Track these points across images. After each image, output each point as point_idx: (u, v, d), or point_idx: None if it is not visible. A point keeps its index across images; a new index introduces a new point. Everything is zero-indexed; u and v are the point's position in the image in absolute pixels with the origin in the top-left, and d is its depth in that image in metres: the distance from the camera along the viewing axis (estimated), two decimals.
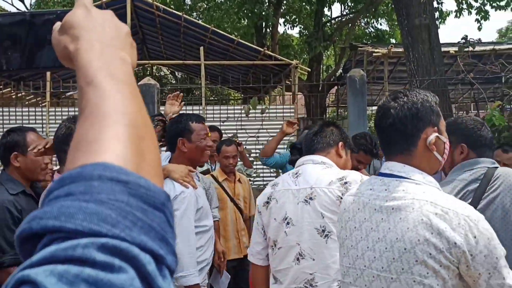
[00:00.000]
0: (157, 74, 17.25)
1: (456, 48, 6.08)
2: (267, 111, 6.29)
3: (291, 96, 9.02)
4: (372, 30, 14.56)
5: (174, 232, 0.45)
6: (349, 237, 1.54)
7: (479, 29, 11.67)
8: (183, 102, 3.36)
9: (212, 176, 4.07)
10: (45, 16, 0.75)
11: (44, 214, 0.40)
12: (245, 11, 12.52)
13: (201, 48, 8.48)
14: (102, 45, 0.57)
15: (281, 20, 14.94)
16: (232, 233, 4.06)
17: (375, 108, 13.37)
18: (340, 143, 2.28)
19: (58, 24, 0.63)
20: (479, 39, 5.61)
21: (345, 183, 2.11)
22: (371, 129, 8.10)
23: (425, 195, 1.39)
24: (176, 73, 17.92)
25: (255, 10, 11.52)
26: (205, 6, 15.49)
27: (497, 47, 6.60)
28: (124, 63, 0.57)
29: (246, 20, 13.52)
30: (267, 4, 12.75)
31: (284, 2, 14.58)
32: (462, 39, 5.58)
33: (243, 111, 6.17)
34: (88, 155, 0.46)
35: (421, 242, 1.34)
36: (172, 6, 12.43)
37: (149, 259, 0.39)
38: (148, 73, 14.54)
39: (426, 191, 1.42)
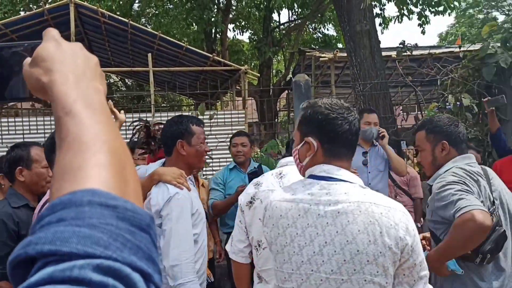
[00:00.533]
0: (106, 82, 16.90)
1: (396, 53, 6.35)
2: (215, 116, 6.34)
3: (242, 101, 9.11)
4: (320, 35, 14.91)
5: (158, 251, 0.49)
6: (290, 244, 1.53)
7: (423, 33, 12.19)
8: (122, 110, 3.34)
9: None
10: (12, 48, 0.77)
11: (39, 239, 0.42)
12: (194, 17, 12.53)
13: (149, 54, 8.42)
14: (75, 76, 0.60)
15: (231, 26, 15.06)
16: None
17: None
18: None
19: (28, 59, 0.65)
20: (416, 44, 5.90)
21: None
22: None
23: (366, 196, 1.46)
24: (126, 80, 17.64)
25: (204, 16, 11.55)
26: (153, 12, 15.36)
27: (433, 51, 6.94)
28: (98, 92, 0.61)
29: (195, 26, 13.53)
30: (215, 10, 12.80)
31: (234, 7, 14.70)
32: (400, 44, 5.85)
33: None
34: (76, 183, 0.48)
35: (372, 242, 1.39)
36: (118, 13, 12.22)
37: (139, 278, 0.42)
38: None
39: (365, 192, 1.48)
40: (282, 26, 14.60)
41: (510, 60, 4.83)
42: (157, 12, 14.97)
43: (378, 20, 12.63)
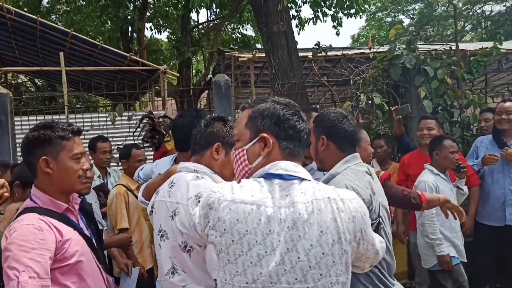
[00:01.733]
0: (13, 82, 15.82)
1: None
2: (134, 117, 6.18)
3: (161, 101, 8.96)
4: (239, 35, 15.04)
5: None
6: (248, 253, 1.36)
7: (337, 34, 12.71)
8: None
9: (124, 186, 3.91)
10: None
11: None
12: (109, 15, 12.09)
13: (61, 53, 8.02)
14: None
15: (149, 25, 14.73)
16: (146, 242, 3.98)
17: None
18: (216, 144, 2.04)
19: None
20: (330, 45, 6.15)
21: (199, 201, 2.09)
22: None
23: (321, 192, 1.40)
24: (36, 80, 16.63)
25: (119, 14, 11.18)
26: (65, 8, 14.62)
27: (346, 52, 7.29)
28: None
29: (111, 24, 13.06)
30: (131, 8, 12.45)
31: (151, 6, 14.38)
32: (315, 45, 6.08)
33: (109, 119, 5.98)
34: None
35: (336, 241, 1.35)
36: (26, 9, 11.50)
37: None
38: (2, 81, 13.27)
39: (319, 188, 1.42)
40: (201, 26, 14.53)
41: (414, 61, 5.20)
42: (68, 9, 14.27)
43: (294, 22, 13.01)
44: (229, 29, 15.51)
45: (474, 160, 4.43)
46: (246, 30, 14.59)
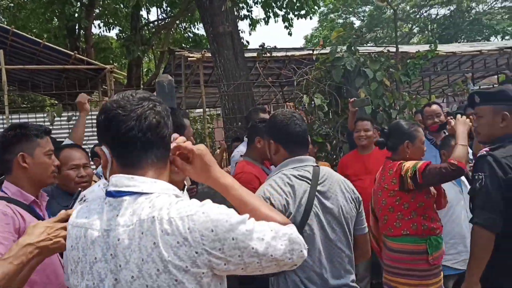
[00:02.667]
0: None
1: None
2: (73, 118, 6.01)
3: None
4: (191, 35, 14.91)
5: None
6: (81, 283, 1.23)
7: (290, 34, 12.83)
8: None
9: None
10: None
11: None
12: (55, 11, 11.70)
13: (1, 51, 7.69)
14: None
15: (98, 22, 14.35)
16: None
17: (199, 110, 13.78)
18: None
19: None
20: (275, 46, 6.22)
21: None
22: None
23: (148, 211, 1.17)
24: None
25: (65, 11, 10.84)
26: (8, 4, 14.02)
27: (294, 53, 7.37)
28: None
29: (57, 21, 12.65)
30: (78, 5, 12.10)
31: (100, 3, 14.02)
32: (259, 46, 6.12)
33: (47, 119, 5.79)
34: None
35: (162, 271, 1.13)
36: None
37: None
38: None
39: (155, 205, 1.18)
40: (151, 24, 14.30)
41: (355, 63, 5.33)
42: (12, 4, 13.69)
43: (246, 22, 13.05)
44: (181, 28, 15.35)
45: None
46: (198, 29, 14.51)
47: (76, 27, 12.74)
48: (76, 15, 12.25)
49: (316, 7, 12.54)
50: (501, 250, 2.35)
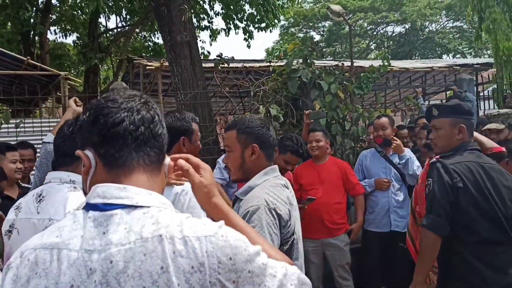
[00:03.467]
0: None
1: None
2: (22, 125, 5.80)
3: (62, 108, 8.52)
4: (151, 44, 14.77)
5: None
6: None
7: (248, 47, 12.93)
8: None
9: None
10: None
11: None
12: (9, 16, 11.31)
13: None
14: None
15: (54, 28, 13.97)
16: None
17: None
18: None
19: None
20: (232, 57, 6.22)
21: None
22: None
23: (153, 227, 0.97)
24: None
25: (19, 16, 10.50)
26: None
27: (247, 64, 7.43)
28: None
29: (11, 26, 12.23)
30: (33, 10, 11.76)
31: (57, 9, 13.69)
32: (217, 56, 6.13)
33: None
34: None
35: None
36: None
37: None
38: None
39: (159, 220, 0.99)
40: (110, 32, 14.08)
41: (310, 75, 5.42)
42: None
43: (207, 33, 13.07)
44: (141, 37, 15.19)
45: (360, 174, 4.70)
46: (157, 38, 14.37)
47: (31, 33, 12.37)
48: (32, 20, 11.89)
49: (276, 21, 12.72)
50: (454, 253, 2.48)
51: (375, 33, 29.26)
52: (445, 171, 2.48)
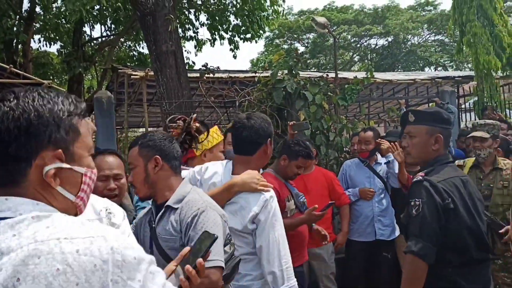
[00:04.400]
0: None
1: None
2: None
3: None
4: (135, 53, 14.72)
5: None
6: None
7: (234, 57, 12.94)
8: None
9: None
10: None
11: None
12: None
13: None
14: None
15: (38, 37, 13.84)
16: None
17: (142, 129, 13.52)
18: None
19: None
20: (218, 67, 6.24)
21: None
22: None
23: (55, 231, 0.89)
24: None
25: (2, 24, 10.39)
26: None
27: (233, 74, 7.44)
28: None
29: None
30: (18, 18, 11.65)
31: (41, 17, 13.58)
32: (202, 66, 6.14)
33: None
34: None
35: None
36: None
37: None
38: None
39: (57, 225, 0.91)
40: (95, 41, 14.00)
41: (295, 86, 5.45)
42: None
43: (192, 43, 13.07)
44: (126, 47, 15.12)
45: (344, 184, 4.73)
46: (142, 48, 14.33)
47: (14, 41, 12.23)
48: (15, 28, 11.78)
49: (261, 32, 12.78)
50: (440, 278, 2.25)
51: (358, 45, 29.63)
52: (435, 191, 2.22)
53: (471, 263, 2.28)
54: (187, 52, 13.46)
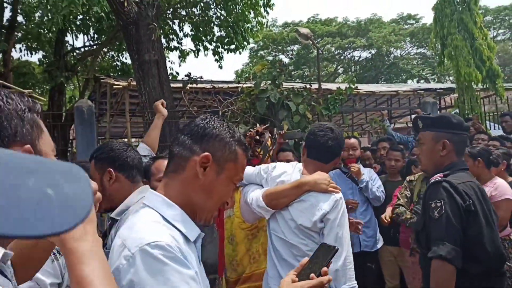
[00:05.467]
0: None
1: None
2: None
3: None
4: (118, 63, 14.60)
5: None
6: None
7: (220, 67, 12.93)
8: None
9: None
10: None
11: None
12: None
13: None
14: None
15: (19, 46, 13.64)
16: None
17: (125, 140, 13.39)
18: None
19: None
20: (201, 76, 6.21)
21: None
22: None
23: None
24: None
25: None
26: None
27: (215, 84, 7.44)
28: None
29: None
30: None
31: (23, 26, 13.41)
32: (185, 75, 6.10)
33: None
34: None
35: None
36: None
37: None
38: None
39: None
40: (77, 51, 13.86)
41: (278, 96, 5.45)
42: None
43: (176, 53, 13.03)
44: (109, 57, 15.00)
45: None
46: (125, 58, 14.23)
47: None
48: None
49: (245, 43, 12.82)
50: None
51: (342, 57, 29.95)
52: (455, 191, 2.11)
53: (489, 274, 2.14)
54: (171, 63, 13.46)
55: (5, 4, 12.52)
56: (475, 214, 2.12)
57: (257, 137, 3.22)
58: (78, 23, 12.57)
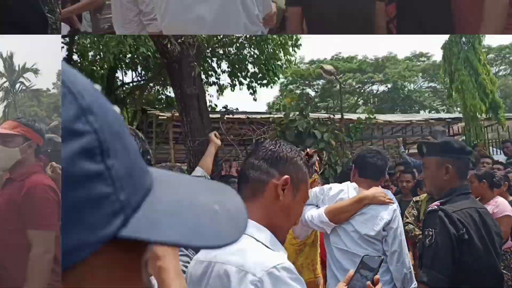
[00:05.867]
0: None
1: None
2: None
3: None
4: (163, 97, 15.00)
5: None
6: None
7: (255, 100, 13.12)
8: None
9: None
10: None
11: None
12: None
13: None
14: None
15: None
16: None
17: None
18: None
19: None
20: (237, 108, 6.33)
21: None
22: None
23: None
24: None
25: None
26: None
27: (249, 115, 7.57)
28: None
29: None
30: None
31: (79, 64, 13.99)
32: (223, 107, 6.24)
33: None
34: None
35: None
36: None
37: None
38: None
39: None
40: (126, 86, 14.34)
41: (305, 125, 5.51)
42: None
43: (215, 88, 13.30)
44: (154, 90, 15.44)
45: None
46: (169, 92, 14.60)
47: None
48: None
49: (276, 78, 12.99)
50: None
51: (362, 91, 29.88)
52: (449, 221, 2.01)
53: None
54: (210, 96, 13.64)
55: (62, 45, 13.13)
56: (469, 242, 2.01)
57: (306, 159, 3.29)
58: (127, 61, 13.05)
